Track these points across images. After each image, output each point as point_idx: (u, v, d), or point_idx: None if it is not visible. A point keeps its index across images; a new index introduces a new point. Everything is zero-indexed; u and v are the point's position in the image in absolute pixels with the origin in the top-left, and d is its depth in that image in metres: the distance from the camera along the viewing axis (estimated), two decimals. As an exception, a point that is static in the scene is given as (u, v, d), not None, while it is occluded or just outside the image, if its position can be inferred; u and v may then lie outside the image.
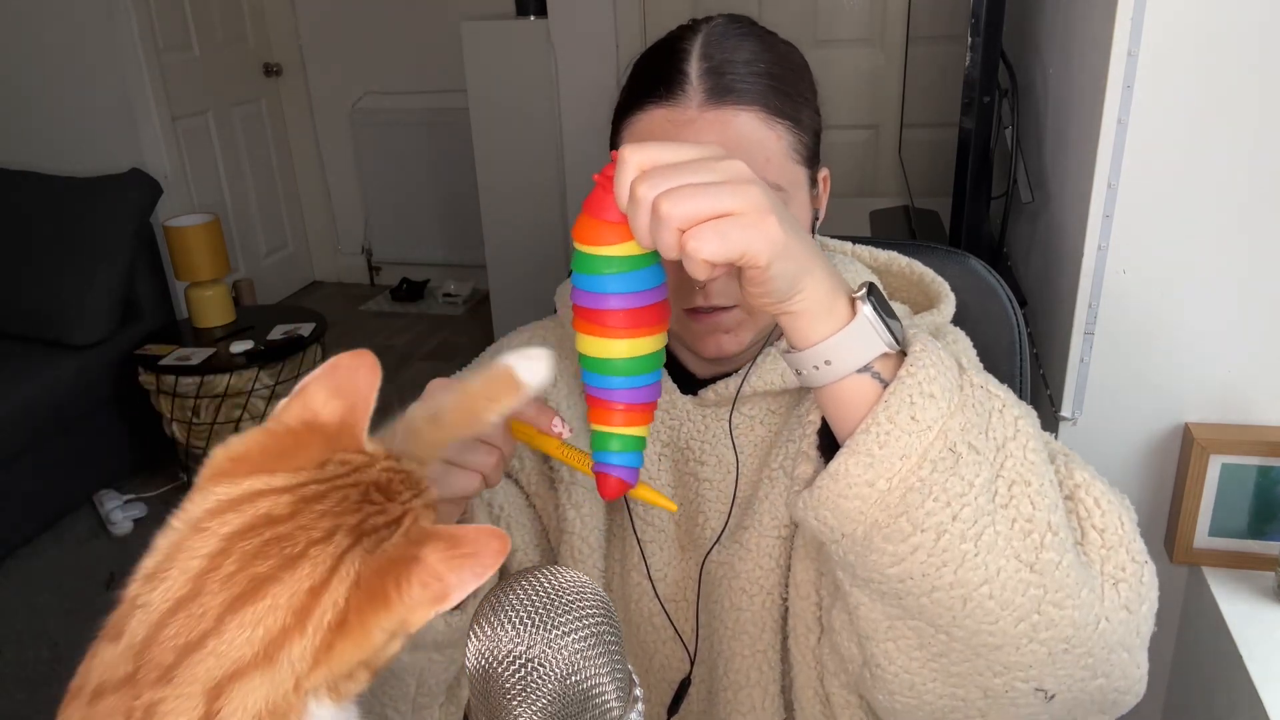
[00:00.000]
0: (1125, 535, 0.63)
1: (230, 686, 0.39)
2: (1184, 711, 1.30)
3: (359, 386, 0.48)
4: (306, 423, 0.46)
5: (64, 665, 2.26)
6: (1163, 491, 1.29)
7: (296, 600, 0.40)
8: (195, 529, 0.42)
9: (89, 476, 2.88)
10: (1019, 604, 0.57)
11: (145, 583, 0.42)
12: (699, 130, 0.71)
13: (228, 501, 0.42)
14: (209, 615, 0.40)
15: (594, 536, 0.81)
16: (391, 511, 0.44)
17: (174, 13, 3.51)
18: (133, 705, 0.40)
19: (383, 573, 0.41)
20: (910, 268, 0.89)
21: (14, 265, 2.93)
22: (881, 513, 0.56)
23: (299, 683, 0.40)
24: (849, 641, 0.68)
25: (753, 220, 0.51)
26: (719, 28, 0.75)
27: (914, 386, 0.56)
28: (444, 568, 0.42)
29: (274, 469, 0.43)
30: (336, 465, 0.45)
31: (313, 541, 0.41)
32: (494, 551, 0.42)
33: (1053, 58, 1.48)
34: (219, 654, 0.39)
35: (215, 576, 0.40)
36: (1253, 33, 1.07)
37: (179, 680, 0.39)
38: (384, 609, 0.41)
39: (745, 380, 0.79)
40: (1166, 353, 1.22)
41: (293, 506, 0.42)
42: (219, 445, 0.45)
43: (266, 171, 4.14)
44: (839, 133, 3.25)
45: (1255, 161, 1.12)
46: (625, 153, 0.53)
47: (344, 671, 0.41)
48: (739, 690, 0.78)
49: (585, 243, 0.58)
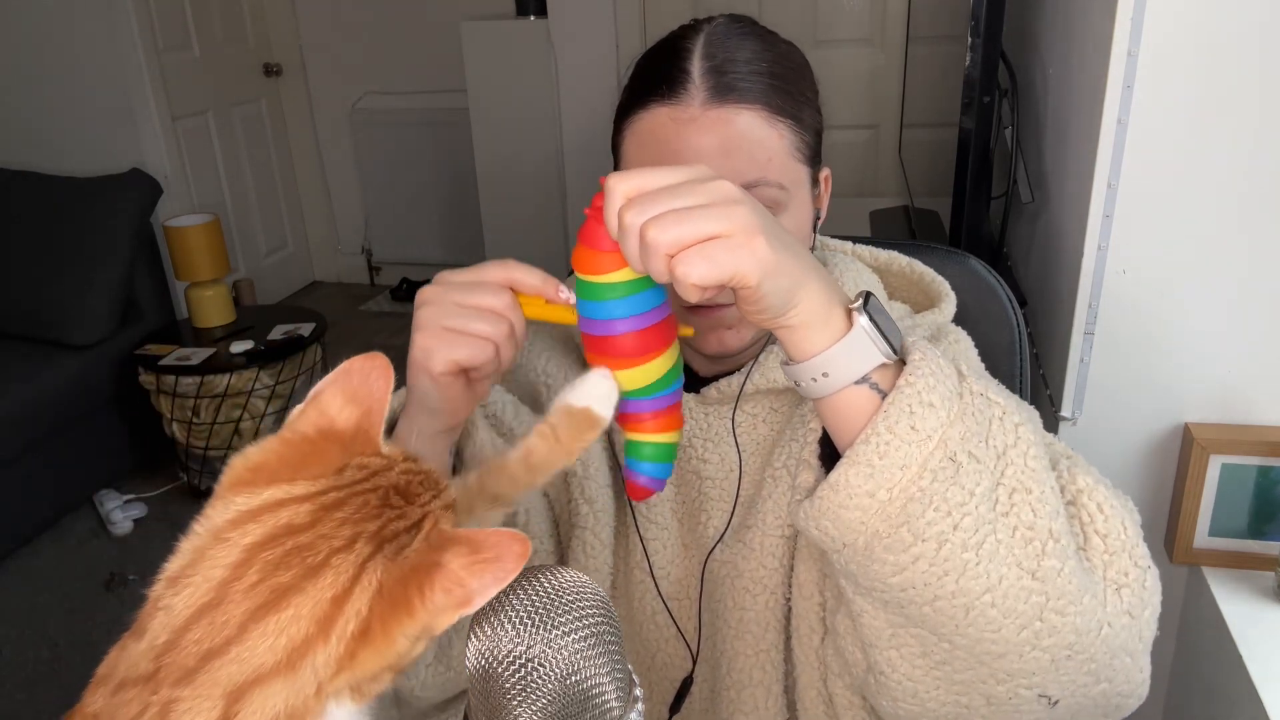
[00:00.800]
0: (1128, 540, 0.63)
1: (251, 691, 0.40)
2: (1184, 712, 1.30)
3: (373, 390, 0.48)
4: (322, 430, 0.46)
5: (64, 665, 2.26)
6: (1163, 491, 1.29)
7: (320, 610, 0.41)
8: (217, 538, 0.42)
9: (89, 476, 2.88)
10: (1021, 612, 0.57)
11: (169, 586, 0.42)
12: (701, 129, 0.71)
13: (248, 512, 0.43)
14: (232, 623, 0.40)
15: (605, 531, 0.81)
16: (411, 515, 0.44)
17: (174, 13, 3.51)
18: (150, 701, 0.40)
19: (405, 581, 0.42)
20: (911, 267, 0.89)
21: (14, 265, 2.93)
22: (882, 523, 0.56)
23: (320, 688, 0.41)
24: (853, 646, 0.68)
25: (740, 241, 0.51)
26: (721, 27, 0.75)
27: (913, 396, 0.55)
28: (466, 574, 0.42)
29: (293, 477, 0.44)
30: (355, 470, 0.45)
31: (334, 550, 0.42)
32: (516, 555, 0.42)
33: (1053, 58, 1.48)
34: (241, 660, 0.40)
35: (238, 586, 0.41)
36: (1253, 33, 1.07)
37: (199, 683, 0.40)
38: (407, 616, 0.41)
39: (748, 378, 0.79)
40: (1166, 353, 1.22)
41: (313, 515, 0.43)
42: (237, 455, 0.45)
43: (266, 171, 4.14)
44: (839, 133, 3.25)
45: (1255, 161, 1.12)
46: (611, 181, 0.53)
47: (368, 676, 0.42)
48: (742, 690, 0.78)
49: (585, 272, 0.58)
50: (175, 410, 2.74)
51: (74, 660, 2.27)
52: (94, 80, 3.30)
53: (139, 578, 2.52)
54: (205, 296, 2.93)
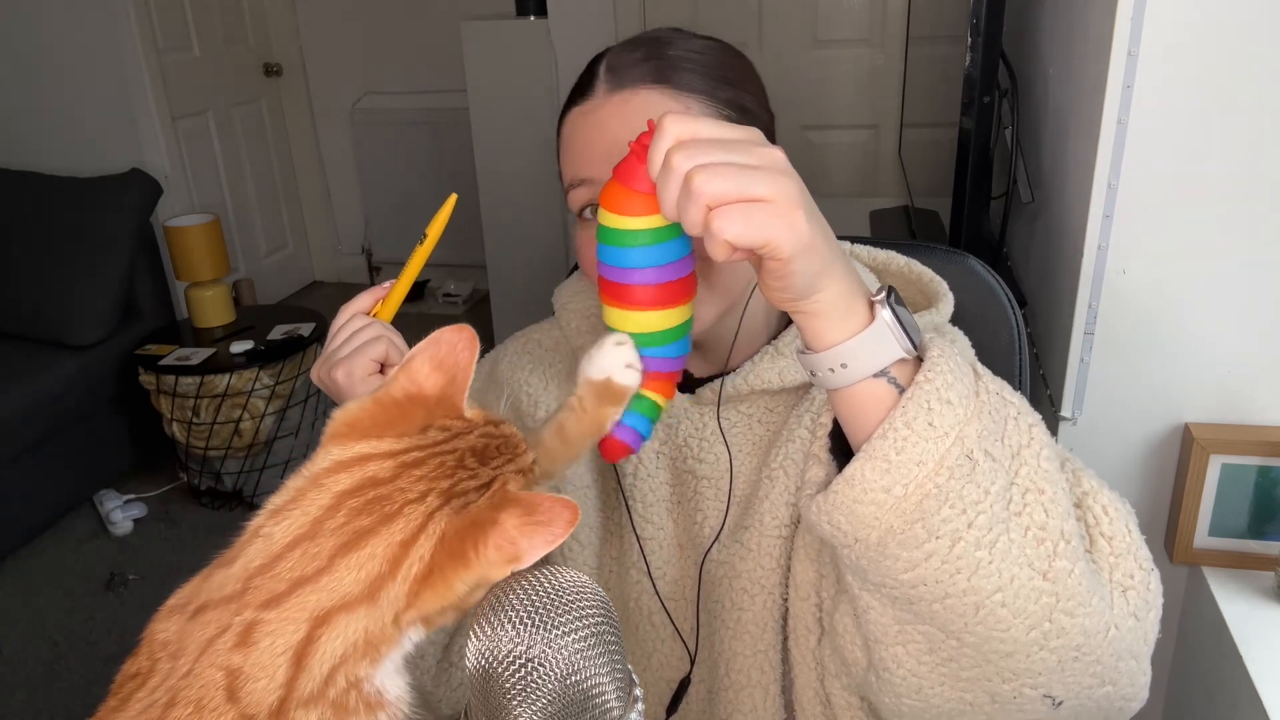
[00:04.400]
0: (1132, 542, 0.63)
1: (336, 617, 0.45)
2: (1184, 712, 1.30)
3: (459, 360, 0.53)
4: (410, 394, 0.51)
5: (64, 665, 2.26)
6: (1163, 491, 1.29)
7: (391, 551, 0.46)
8: (314, 482, 0.48)
9: (89, 476, 2.88)
10: (1031, 612, 0.57)
11: (270, 517, 0.47)
12: (605, 114, 0.72)
13: (341, 463, 0.48)
14: (323, 555, 0.45)
15: (583, 533, 0.81)
16: (482, 476, 0.49)
17: (174, 13, 3.51)
18: (233, 621, 0.45)
19: (463, 534, 0.46)
20: (909, 267, 0.89)
21: (14, 265, 2.93)
22: (897, 519, 0.55)
23: (397, 617, 0.46)
24: (852, 645, 0.68)
25: (782, 210, 0.51)
26: (635, 35, 0.77)
27: (932, 392, 0.55)
28: (518, 533, 0.46)
29: (381, 435, 0.49)
30: (437, 431, 0.50)
31: (408, 501, 0.47)
32: (565, 521, 0.46)
33: (1053, 58, 1.48)
34: (329, 589, 0.45)
35: (329, 525, 0.46)
36: (1253, 33, 1.07)
37: (287, 606, 0.45)
38: (463, 566, 0.46)
39: (744, 379, 0.79)
40: (1166, 353, 1.22)
41: (394, 470, 0.48)
42: (338, 409, 0.51)
43: (266, 171, 4.14)
44: (839, 133, 3.25)
45: (1255, 161, 1.12)
46: (666, 120, 0.53)
47: (434, 611, 0.46)
48: (739, 690, 0.78)
49: (612, 210, 0.57)
50: (175, 410, 2.74)
51: (74, 660, 2.27)
52: (94, 80, 3.30)
53: (139, 578, 2.52)
54: (205, 296, 2.93)
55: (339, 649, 0.44)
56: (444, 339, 0.53)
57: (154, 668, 0.45)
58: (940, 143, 2.17)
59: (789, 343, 0.79)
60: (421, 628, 0.47)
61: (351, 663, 0.45)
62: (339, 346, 0.72)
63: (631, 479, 0.83)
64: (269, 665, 0.44)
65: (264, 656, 0.44)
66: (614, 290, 0.59)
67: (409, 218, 4.30)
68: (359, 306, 0.76)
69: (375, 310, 0.77)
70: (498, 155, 3.35)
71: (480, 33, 3.24)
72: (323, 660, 0.44)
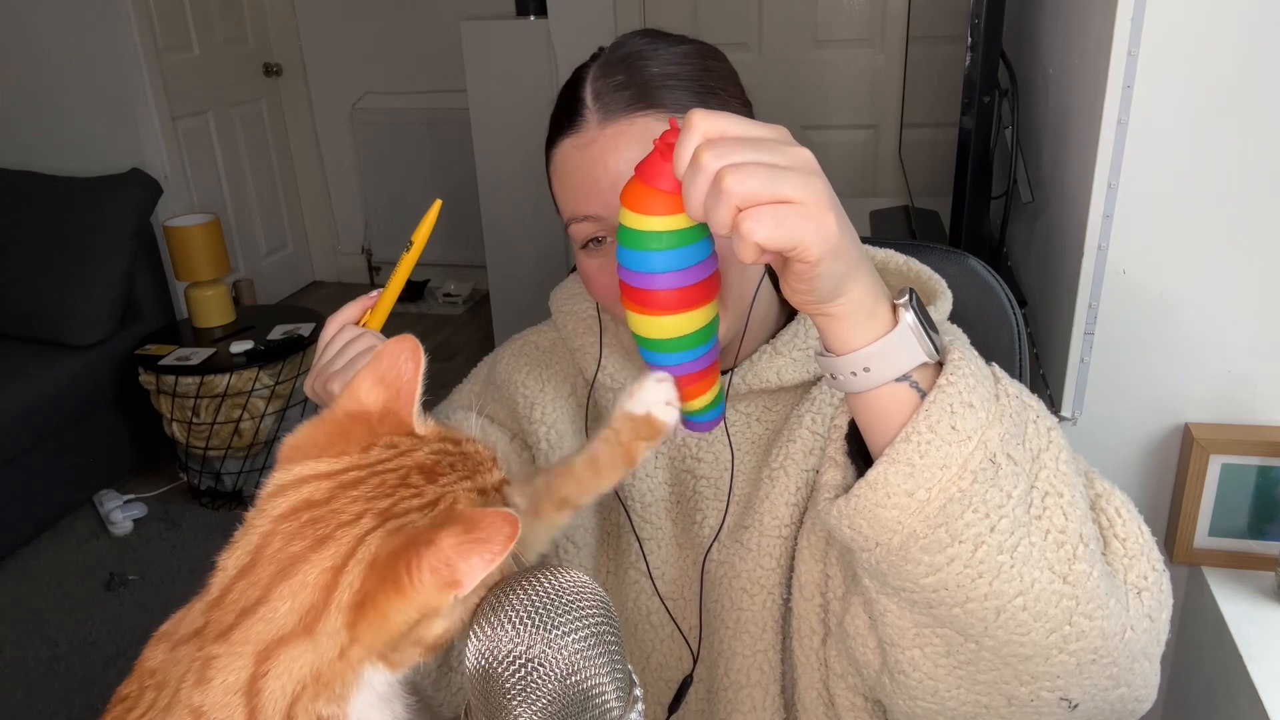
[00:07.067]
0: (1145, 544, 0.63)
1: (278, 652, 0.42)
2: (1184, 712, 1.30)
3: (402, 373, 0.51)
4: (350, 412, 0.49)
5: (64, 665, 2.26)
6: (1163, 491, 1.29)
7: (322, 578, 0.43)
8: (259, 509, 0.46)
9: (89, 476, 2.88)
10: (1051, 615, 0.57)
11: (228, 549, 0.46)
12: (602, 149, 0.71)
13: (280, 486, 0.46)
14: (261, 584, 0.43)
15: (579, 534, 0.81)
16: (428, 494, 0.45)
17: (174, 13, 3.51)
18: (196, 655, 0.43)
19: (395, 556, 0.42)
20: (907, 265, 0.89)
21: (14, 265, 2.93)
22: (920, 523, 0.55)
23: (343, 652, 0.42)
24: (865, 647, 0.68)
25: (812, 213, 0.50)
26: (615, 47, 0.75)
27: (954, 395, 0.55)
28: (455, 554, 0.42)
29: (321, 455, 0.47)
30: (381, 449, 0.47)
31: (340, 524, 0.44)
32: (504, 537, 0.42)
33: (1053, 58, 1.48)
34: (267, 620, 0.42)
35: (267, 552, 0.44)
36: (1253, 33, 1.07)
37: (234, 640, 0.42)
38: (396, 593, 0.42)
39: (742, 378, 0.79)
40: (1166, 353, 1.22)
41: (330, 492, 0.45)
42: (288, 434, 0.49)
43: (266, 171, 4.14)
44: (839, 133, 3.25)
45: (1255, 161, 1.12)
46: (695, 117, 0.51)
47: (380, 647, 0.43)
48: (739, 690, 0.78)
49: (633, 209, 0.55)
50: (175, 410, 2.74)
51: (74, 660, 2.27)
52: (94, 80, 3.30)
53: (139, 578, 2.52)
54: (205, 296, 2.93)
55: (289, 687, 0.42)
56: (386, 352, 0.51)
57: (141, 695, 0.44)
58: (940, 143, 2.17)
59: (787, 342, 0.79)
60: (382, 666, 0.43)
61: (305, 702, 0.42)
62: (332, 359, 0.72)
63: (629, 479, 0.83)
64: (225, 704, 0.42)
65: (218, 694, 0.42)
66: (636, 295, 0.57)
67: (409, 218, 4.30)
68: (347, 317, 0.76)
69: (364, 320, 0.76)
70: (498, 155, 3.35)
71: (480, 33, 3.24)
72: (275, 699, 0.42)
